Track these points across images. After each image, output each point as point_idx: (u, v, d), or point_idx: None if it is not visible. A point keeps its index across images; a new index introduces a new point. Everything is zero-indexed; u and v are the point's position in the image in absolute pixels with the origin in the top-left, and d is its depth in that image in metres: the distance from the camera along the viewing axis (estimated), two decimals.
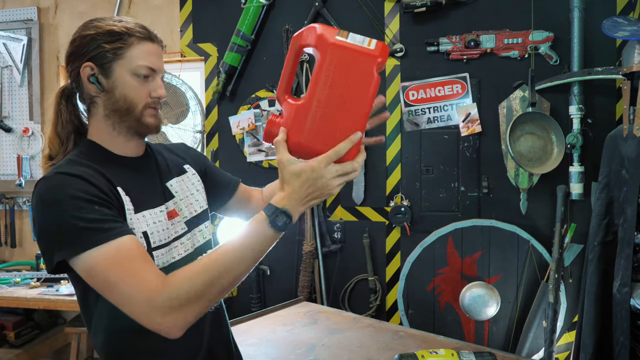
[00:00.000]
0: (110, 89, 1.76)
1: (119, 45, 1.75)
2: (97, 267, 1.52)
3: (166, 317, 1.48)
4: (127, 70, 1.76)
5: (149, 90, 1.81)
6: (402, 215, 4.42)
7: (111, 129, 1.81)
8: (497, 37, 4.27)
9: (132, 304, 1.49)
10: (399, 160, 4.51)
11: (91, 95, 1.78)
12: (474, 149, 4.36)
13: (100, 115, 1.80)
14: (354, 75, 1.53)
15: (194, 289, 1.50)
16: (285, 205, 1.53)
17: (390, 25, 4.48)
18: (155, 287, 1.50)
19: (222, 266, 1.53)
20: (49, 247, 1.57)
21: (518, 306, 4.23)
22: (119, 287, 1.51)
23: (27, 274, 4.96)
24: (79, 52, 1.76)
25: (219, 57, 4.79)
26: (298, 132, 1.56)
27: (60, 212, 1.55)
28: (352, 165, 1.57)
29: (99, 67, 1.75)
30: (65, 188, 1.58)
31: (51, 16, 5.34)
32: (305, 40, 1.58)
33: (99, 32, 1.75)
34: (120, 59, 1.75)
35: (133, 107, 1.79)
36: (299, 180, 1.54)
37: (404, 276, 4.36)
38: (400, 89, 4.45)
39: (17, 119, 5.42)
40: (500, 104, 4.30)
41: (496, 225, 4.22)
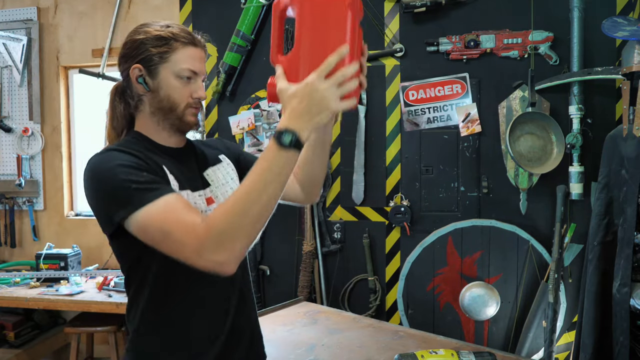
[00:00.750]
0: (155, 89, 1.92)
1: (164, 49, 1.90)
2: (151, 220, 1.67)
3: (216, 253, 1.60)
4: (171, 73, 1.90)
5: (191, 91, 1.94)
6: (401, 215, 4.42)
7: (156, 124, 1.97)
8: (496, 37, 4.28)
9: (184, 246, 1.63)
10: (398, 160, 4.52)
11: (139, 94, 1.95)
12: (473, 149, 4.36)
13: (146, 112, 1.96)
14: (330, 14, 1.66)
15: (233, 223, 1.61)
16: (287, 124, 1.62)
17: (390, 25, 4.49)
18: (201, 228, 1.62)
19: (250, 195, 1.63)
20: (108, 211, 1.73)
21: (518, 306, 4.23)
22: (172, 234, 1.64)
23: (27, 274, 4.95)
24: (130, 55, 1.92)
25: (219, 57, 4.80)
26: (294, 73, 1.68)
27: (114, 178, 1.71)
28: (342, 72, 1.63)
29: (147, 69, 1.90)
30: (116, 159, 1.75)
31: (51, 16, 5.35)
32: (283, 2, 1.73)
33: (148, 37, 1.91)
34: (165, 62, 1.90)
35: (175, 107, 1.94)
36: (296, 98, 1.63)
37: (403, 276, 4.37)
38: (400, 89, 4.46)
39: (16, 119, 5.43)
40: (500, 104, 4.30)
41: (496, 225, 4.22)
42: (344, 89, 1.63)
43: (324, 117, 1.64)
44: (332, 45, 1.65)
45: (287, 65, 1.71)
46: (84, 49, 5.30)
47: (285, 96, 1.66)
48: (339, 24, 1.66)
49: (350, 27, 1.67)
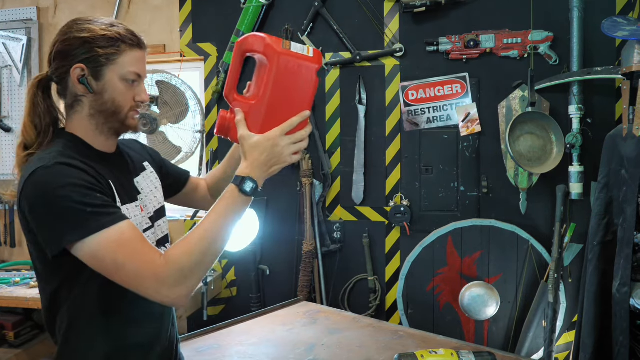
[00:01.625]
0: (99, 92, 1.87)
1: (112, 51, 1.85)
2: (106, 248, 1.66)
3: (174, 289, 1.67)
4: (117, 75, 1.87)
5: (134, 95, 1.93)
6: (401, 215, 4.43)
7: (94, 127, 1.92)
8: (496, 37, 4.28)
9: (141, 280, 1.66)
10: (398, 160, 4.53)
11: (77, 94, 1.88)
12: (473, 149, 4.37)
13: (84, 113, 1.90)
14: (299, 78, 1.85)
15: (194, 260, 1.70)
16: (248, 173, 1.79)
17: (390, 25, 4.50)
18: (160, 263, 1.67)
19: (212, 235, 1.74)
20: (56, 232, 1.67)
21: (518, 306, 4.25)
22: (127, 266, 1.66)
23: (27, 274, 4.94)
24: (70, 52, 1.85)
25: (219, 57, 4.80)
26: (254, 124, 1.85)
27: (67, 199, 1.65)
28: (300, 133, 1.86)
29: (90, 69, 1.84)
30: (68, 177, 1.69)
31: (51, 16, 5.34)
32: (251, 46, 1.83)
33: (93, 35, 1.85)
34: (112, 64, 1.86)
35: (120, 110, 1.91)
36: (258, 150, 1.80)
37: (403, 276, 4.38)
38: (399, 88, 4.47)
39: (16, 119, 5.42)
40: (500, 104, 4.31)
41: (496, 225, 4.24)
42: (298, 146, 1.86)
43: (278, 168, 1.85)
44: (296, 106, 1.86)
45: (248, 112, 1.85)
46: None
47: (247, 145, 1.82)
48: (307, 88, 1.87)
49: (313, 90, 1.89)
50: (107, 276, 1.69)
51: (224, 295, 4.88)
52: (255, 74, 1.91)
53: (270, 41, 1.82)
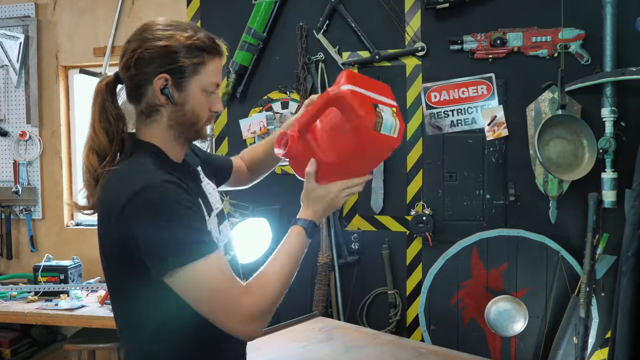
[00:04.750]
0: (180, 103, 1.99)
1: (197, 61, 1.98)
2: (202, 277, 1.83)
3: (254, 325, 1.89)
4: (199, 87, 2.00)
5: (210, 105, 2.06)
6: (423, 224, 4.52)
7: (172, 138, 2.06)
8: (524, 34, 4.37)
9: (230, 315, 1.86)
10: (420, 166, 4.62)
11: (156, 104, 1.99)
12: (500, 154, 4.46)
13: (162, 123, 2.02)
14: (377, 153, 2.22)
15: (272, 298, 1.94)
16: (311, 218, 2.13)
17: (411, 23, 4.60)
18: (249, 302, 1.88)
19: (284, 276, 2.00)
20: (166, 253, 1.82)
21: (547, 321, 4.30)
22: (220, 299, 1.86)
23: (24, 287, 5.02)
24: (154, 61, 1.94)
25: (229, 57, 4.87)
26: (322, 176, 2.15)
27: (177, 222, 1.82)
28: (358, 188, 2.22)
29: (174, 80, 1.96)
30: (177, 199, 1.86)
31: (50, 12, 5.46)
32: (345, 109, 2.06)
33: (178, 45, 1.95)
34: (195, 75, 1.99)
35: (198, 121, 2.05)
36: (321, 202, 2.15)
37: (425, 289, 4.46)
38: (421, 90, 4.56)
39: (13, 122, 5.54)
40: (528, 106, 4.39)
41: (524, 235, 4.30)
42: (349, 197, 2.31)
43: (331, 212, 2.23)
44: (363, 169, 2.21)
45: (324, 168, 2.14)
46: (85, 47, 5.40)
47: (312, 195, 2.16)
48: (378, 159, 2.37)
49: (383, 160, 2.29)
50: (194, 304, 1.86)
51: None
52: (336, 122, 2.14)
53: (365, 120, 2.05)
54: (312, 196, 2.16)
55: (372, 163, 2.30)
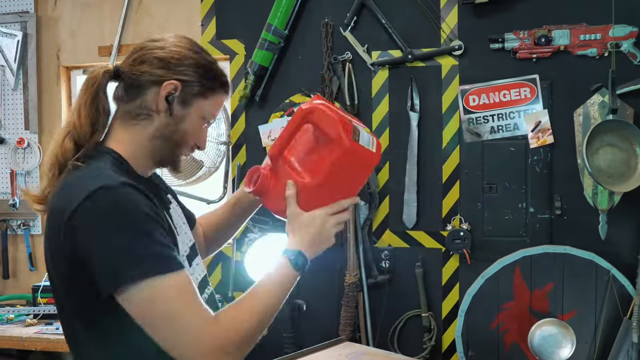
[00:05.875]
0: (177, 118, 2.15)
1: (211, 85, 2.19)
2: (162, 295, 1.86)
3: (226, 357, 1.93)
4: (201, 112, 2.20)
5: (199, 137, 2.28)
6: (460, 240, 4.64)
7: (148, 150, 2.18)
8: (572, 32, 4.48)
9: (190, 340, 1.87)
10: (457, 177, 4.76)
11: (150, 109, 2.13)
12: (544, 164, 4.59)
13: (147, 132, 2.15)
14: (358, 169, 2.39)
15: (243, 333, 1.98)
16: (300, 248, 2.22)
17: (447, 19, 4.72)
18: (218, 330, 1.93)
19: (263, 308, 2.07)
20: (118, 266, 1.85)
21: (596, 347, 4.32)
22: (179, 321, 1.88)
23: (22, 310, 5.18)
24: (173, 64, 2.12)
25: (247, 56, 5.04)
26: (303, 200, 2.27)
27: (136, 229, 1.88)
28: (346, 216, 2.35)
29: (183, 92, 2.13)
30: (137, 204, 1.93)
31: (50, 8, 5.58)
32: (320, 124, 2.27)
33: (205, 64, 2.19)
34: (203, 99, 2.19)
35: (183, 145, 2.24)
36: (308, 228, 2.24)
37: (463, 312, 4.52)
38: (458, 93, 4.71)
39: (10, 128, 5.66)
40: (576, 111, 4.49)
41: (571, 253, 4.36)
42: (339, 228, 2.32)
43: (324, 248, 2.31)
44: (347, 189, 2.37)
45: (303, 189, 2.27)
46: (89, 46, 5.52)
47: (297, 222, 2.24)
48: (361, 178, 2.47)
49: (367, 177, 2.54)
50: (148, 328, 1.87)
51: None
52: (309, 145, 2.34)
53: (343, 129, 2.23)
54: (297, 222, 2.24)
55: (355, 181, 2.42)
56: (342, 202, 2.30)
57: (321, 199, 2.28)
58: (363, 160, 2.37)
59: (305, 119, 2.28)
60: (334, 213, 2.28)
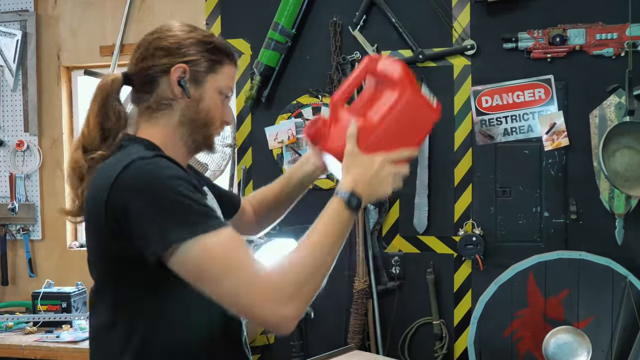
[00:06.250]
0: (195, 98, 2.24)
1: (216, 58, 2.27)
2: (214, 252, 1.91)
3: (284, 307, 1.93)
4: (216, 86, 2.28)
5: (222, 113, 2.35)
6: (473, 246, 4.69)
7: (178, 137, 2.28)
8: (587, 31, 4.54)
9: (247, 293, 1.91)
10: (469, 180, 4.82)
11: (168, 98, 2.23)
12: (559, 167, 4.64)
13: (172, 120, 2.26)
14: (419, 119, 2.37)
15: (304, 276, 1.98)
16: (354, 188, 2.16)
17: (459, 18, 4.79)
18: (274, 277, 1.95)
19: (322, 250, 2.06)
20: (164, 228, 1.91)
21: (613, 355, 4.36)
22: (236, 274, 1.91)
23: (22, 317, 5.21)
24: (175, 50, 2.22)
25: (253, 56, 5.09)
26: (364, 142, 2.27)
27: (176, 192, 1.94)
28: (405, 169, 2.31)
29: (192, 73, 2.22)
30: (173, 169, 2.01)
31: (50, 6, 5.65)
32: (384, 69, 2.36)
33: (199, 39, 2.26)
34: (213, 73, 2.26)
35: (211, 123, 2.31)
36: (365, 167, 2.21)
37: (475, 319, 4.57)
38: (471, 93, 4.77)
39: (9, 130, 5.72)
40: (592, 113, 4.54)
41: (587, 258, 4.41)
42: (397, 180, 2.29)
43: (379, 194, 2.25)
44: (409, 140, 2.35)
45: (361, 129, 2.27)
46: (90, 45, 5.60)
47: (355, 161, 2.23)
48: (421, 130, 2.42)
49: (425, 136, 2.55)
50: (201, 286, 1.92)
51: (259, 343, 5.05)
52: (371, 92, 2.40)
53: (406, 72, 2.31)
54: (354, 161, 2.22)
55: (415, 134, 2.38)
56: (403, 151, 2.30)
57: (381, 145, 2.28)
58: (424, 111, 2.37)
59: (367, 67, 2.37)
60: (393, 161, 2.27)
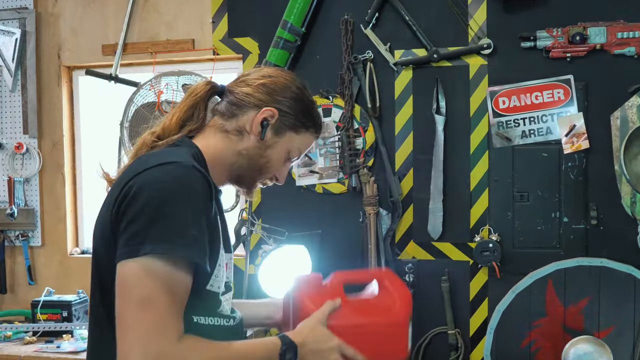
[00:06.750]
0: (267, 144, 2.38)
1: (305, 123, 2.45)
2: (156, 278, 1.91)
3: None
4: (290, 145, 2.44)
5: (280, 170, 2.49)
6: (490, 252, 4.74)
7: (229, 163, 2.39)
8: (608, 30, 4.60)
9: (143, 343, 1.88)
10: (486, 184, 4.89)
11: (244, 128, 2.36)
12: (579, 170, 4.70)
13: (234, 148, 2.37)
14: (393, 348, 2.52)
15: None
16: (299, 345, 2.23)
17: (475, 16, 4.87)
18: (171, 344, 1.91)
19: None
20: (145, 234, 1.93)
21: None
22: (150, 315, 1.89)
23: (21, 327, 5.29)
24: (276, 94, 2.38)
25: (261, 55, 5.19)
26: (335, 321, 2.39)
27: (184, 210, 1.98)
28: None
29: (278, 121, 2.37)
30: (200, 188, 2.04)
31: (51, 3, 5.73)
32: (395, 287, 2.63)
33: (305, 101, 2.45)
34: (294, 133, 2.44)
35: (265, 172, 2.45)
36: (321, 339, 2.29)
37: (492, 329, 4.61)
38: (487, 94, 4.85)
39: (7, 133, 5.80)
40: (613, 114, 4.60)
41: (607, 266, 4.45)
42: None
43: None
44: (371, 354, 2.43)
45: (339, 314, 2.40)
46: (92, 44, 5.67)
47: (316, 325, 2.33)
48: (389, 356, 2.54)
49: None
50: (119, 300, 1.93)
51: None
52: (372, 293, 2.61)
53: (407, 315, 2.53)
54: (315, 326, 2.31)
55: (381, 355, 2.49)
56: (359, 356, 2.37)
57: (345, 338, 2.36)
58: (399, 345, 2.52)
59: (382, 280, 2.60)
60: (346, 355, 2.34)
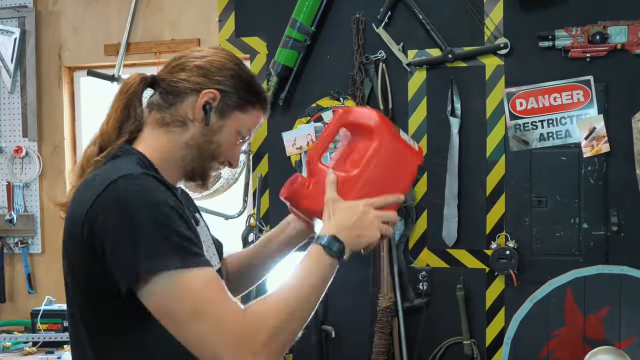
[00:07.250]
0: (213, 129, 2.37)
1: (250, 99, 2.44)
2: (187, 290, 1.96)
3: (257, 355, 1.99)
4: (238, 125, 2.44)
5: (232, 154, 2.51)
6: (506, 260, 4.80)
7: (179, 158, 2.38)
8: (629, 29, 4.66)
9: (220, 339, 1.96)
10: (502, 189, 4.94)
11: (186, 116, 2.35)
12: (599, 175, 4.76)
13: (180, 139, 2.37)
14: (401, 165, 2.57)
15: (280, 323, 2.05)
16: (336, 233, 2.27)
17: (492, 15, 4.92)
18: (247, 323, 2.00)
19: (299, 298, 2.14)
20: (137, 256, 1.96)
21: None
22: (206, 317, 1.96)
23: (20, 337, 5.39)
24: (213, 74, 2.37)
25: (269, 55, 5.26)
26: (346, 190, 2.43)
27: (158, 219, 2.00)
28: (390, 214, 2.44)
29: (221, 103, 2.36)
30: (161, 193, 2.07)
31: (51, 2, 5.83)
32: (359, 120, 2.57)
33: (245, 77, 2.44)
34: (240, 112, 2.42)
35: (216, 157, 2.45)
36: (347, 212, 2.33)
37: (509, 339, 4.63)
38: (504, 96, 4.91)
39: (6, 136, 5.89)
40: (634, 116, 4.63)
41: (629, 273, 4.47)
42: (384, 227, 2.39)
43: (364, 241, 2.34)
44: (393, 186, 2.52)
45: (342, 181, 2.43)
46: (94, 44, 5.76)
47: (335, 206, 2.34)
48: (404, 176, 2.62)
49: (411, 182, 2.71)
50: (173, 328, 1.97)
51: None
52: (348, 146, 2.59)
53: (381, 118, 2.53)
54: (336, 207, 2.33)
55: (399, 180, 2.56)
56: (387, 196, 2.42)
57: (365, 194, 2.41)
58: (405, 156, 2.56)
59: (341, 119, 2.54)
60: (377, 206, 2.36)
